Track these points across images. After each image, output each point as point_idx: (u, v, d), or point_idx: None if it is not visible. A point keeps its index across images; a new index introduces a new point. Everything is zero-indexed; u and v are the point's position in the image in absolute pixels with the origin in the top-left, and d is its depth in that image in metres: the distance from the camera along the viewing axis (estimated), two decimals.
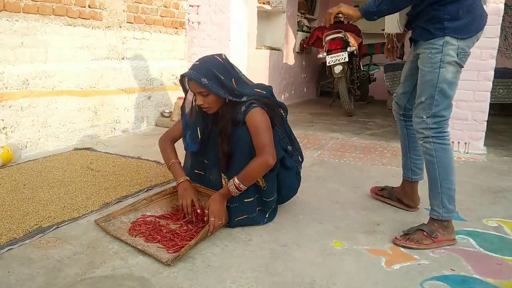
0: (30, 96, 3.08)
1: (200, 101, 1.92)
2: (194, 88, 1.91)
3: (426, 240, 1.89)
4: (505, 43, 6.64)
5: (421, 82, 1.93)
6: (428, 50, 1.88)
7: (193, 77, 1.87)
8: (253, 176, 1.87)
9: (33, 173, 2.65)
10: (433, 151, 1.94)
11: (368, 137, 4.20)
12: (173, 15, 4.39)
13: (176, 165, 2.08)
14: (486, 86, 3.57)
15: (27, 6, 3.02)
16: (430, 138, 1.94)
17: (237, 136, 1.91)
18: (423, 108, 1.93)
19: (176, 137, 2.17)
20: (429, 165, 1.97)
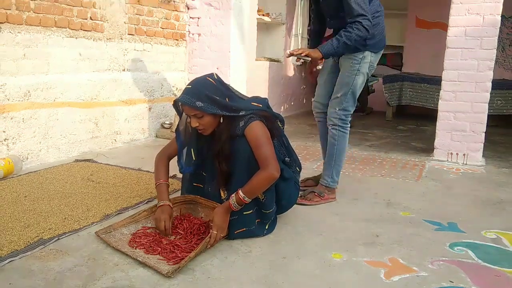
0: (31, 107, 3.10)
1: (195, 123, 1.93)
2: (189, 111, 1.92)
3: (316, 198, 2.52)
4: (502, 54, 6.69)
5: (339, 82, 2.51)
6: (350, 60, 2.46)
7: (187, 102, 1.87)
8: (258, 189, 1.89)
9: (34, 184, 2.66)
10: (336, 136, 2.55)
11: (367, 148, 4.22)
12: (174, 27, 4.43)
13: (162, 186, 2.07)
14: (484, 97, 3.60)
15: (30, 18, 3.06)
16: (336, 126, 2.54)
17: (235, 150, 1.93)
18: (337, 102, 2.51)
19: (173, 154, 2.17)
20: (331, 146, 2.57)
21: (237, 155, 1.93)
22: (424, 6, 6.85)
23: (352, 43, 2.31)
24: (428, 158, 3.78)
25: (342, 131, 2.54)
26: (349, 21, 2.31)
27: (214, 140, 1.99)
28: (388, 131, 5.31)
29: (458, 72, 3.64)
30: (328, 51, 2.34)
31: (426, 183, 3.10)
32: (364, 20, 2.27)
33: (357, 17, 2.27)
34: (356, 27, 2.27)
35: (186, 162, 2.05)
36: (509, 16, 6.51)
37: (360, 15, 2.26)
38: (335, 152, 2.57)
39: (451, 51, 3.64)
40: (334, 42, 2.32)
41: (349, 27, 2.29)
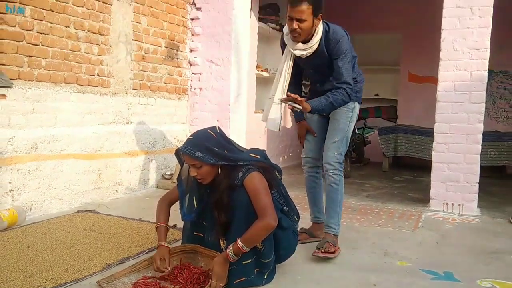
0: (37, 159, 3.20)
1: (193, 172, 2.04)
2: (189, 161, 2.04)
3: (332, 248, 2.50)
4: (494, 107, 6.91)
5: (335, 129, 2.66)
6: (345, 109, 2.65)
7: (187, 152, 2.00)
8: (256, 238, 1.96)
9: (37, 235, 2.71)
10: (338, 181, 2.62)
11: (364, 198, 4.29)
12: (177, 82, 4.64)
13: (161, 228, 2.17)
14: (475, 149, 3.71)
15: (40, 74, 3.23)
16: (337, 171, 2.61)
17: (234, 200, 2.01)
18: (336, 146, 2.62)
19: (174, 200, 2.27)
20: (333, 191, 2.62)
21: (236, 205, 2.01)
22: (416, 61, 7.16)
23: (337, 105, 2.53)
24: (425, 208, 3.84)
25: (340, 175, 2.64)
26: (336, 84, 2.51)
27: (213, 189, 2.08)
28: (385, 181, 5.39)
29: (450, 125, 3.78)
30: (316, 107, 2.49)
31: (422, 233, 3.14)
32: (349, 88, 2.51)
33: (343, 84, 2.50)
34: (342, 92, 2.49)
35: (187, 210, 2.13)
36: (497, 71, 6.79)
37: (346, 83, 2.50)
38: (338, 197, 2.64)
39: (442, 105, 3.80)
40: (323, 101, 2.49)
41: (335, 92, 2.50)
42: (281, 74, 2.68)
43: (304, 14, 2.40)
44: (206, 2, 4.65)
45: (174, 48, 4.54)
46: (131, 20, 3.97)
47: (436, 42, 3.86)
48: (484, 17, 3.64)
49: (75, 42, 3.45)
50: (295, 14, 2.42)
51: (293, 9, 2.42)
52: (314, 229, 2.90)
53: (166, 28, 4.41)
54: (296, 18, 2.42)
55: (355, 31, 7.33)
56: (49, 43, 3.26)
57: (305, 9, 2.39)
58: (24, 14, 3.06)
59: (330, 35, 2.50)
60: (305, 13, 2.40)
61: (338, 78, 2.51)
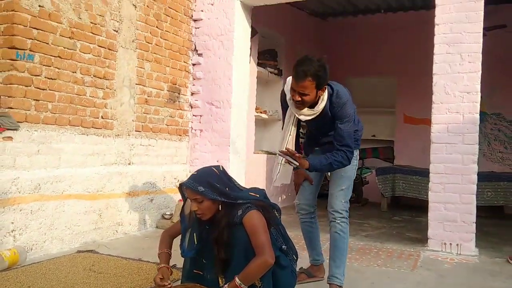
0: (40, 200, 3.26)
1: (194, 207, 2.11)
2: (191, 195, 2.12)
3: None
4: (489, 148, 7.02)
5: (342, 176, 2.66)
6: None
7: (189, 185, 2.09)
8: (253, 276, 1.99)
9: (37, 275, 2.73)
10: (345, 229, 2.60)
11: (363, 238, 4.31)
12: (178, 123, 4.76)
13: (163, 254, 2.28)
14: (471, 189, 3.77)
15: (46, 117, 3.34)
16: (344, 219, 2.60)
17: (234, 238, 2.07)
18: (343, 194, 2.63)
19: (175, 234, 2.36)
20: (340, 240, 2.60)
21: (235, 243, 2.06)
22: (410, 104, 7.35)
23: (335, 167, 2.56)
24: (423, 248, 3.85)
25: (347, 223, 2.63)
26: (337, 146, 2.54)
27: (213, 226, 2.14)
28: (384, 221, 5.41)
29: (445, 165, 3.86)
30: (315, 166, 2.53)
31: (421, 272, 3.16)
32: (349, 152, 2.54)
33: (344, 147, 2.52)
34: (342, 155, 2.52)
35: (188, 246, 2.19)
36: (491, 113, 6.96)
37: (347, 146, 2.52)
38: (345, 246, 2.62)
39: (436, 146, 3.90)
40: (323, 161, 2.53)
41: (336, 153, 2.52)
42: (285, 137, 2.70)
43: (307, 89, 2.42)
44: (207, 49, 4.85)
45: (176, 92, 4.69)
46: (135, 66, 4.14)
47: (429, 86, 4.00)
48: (474, 62, 3.80)
49: (81, 87, 3.59)
50: (298, 88, 2.44)
51: (296, 83, 2.43)
52: (313, 270, 2.91)
53: (168, 73, 4.58)
54: (299, 92, 2.44)
55: (352, 75, 7.64)
56: (56, 87, 3.39)
57: (308, 85, 2.41)
58: (33, 61, 3.22)
59: (334, 99, 2.52)
60: (309, 88, 2.42)
61: (340, 140, 2.53)
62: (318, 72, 2.40)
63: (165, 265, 2.22)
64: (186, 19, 4.80)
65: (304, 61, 2.44)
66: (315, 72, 2.40)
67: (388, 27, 7.31)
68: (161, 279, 2.14)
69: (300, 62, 2.45)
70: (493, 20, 6.15)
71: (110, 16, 3.85)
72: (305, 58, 2.46)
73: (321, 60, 2.44)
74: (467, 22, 3.81)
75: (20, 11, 3.12)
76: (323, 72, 2.43)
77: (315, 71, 2.40)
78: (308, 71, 2.39)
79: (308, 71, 2.39)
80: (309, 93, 2.44)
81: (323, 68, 2.42)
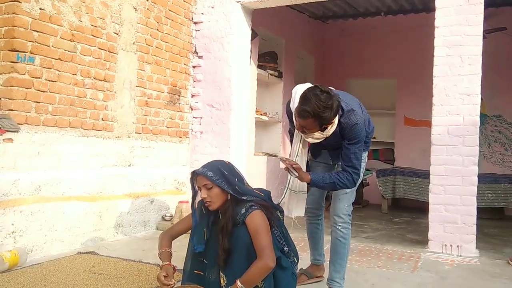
0: (40, 201, 3.26)
1: (204, 194, 2.12)
2: (201, 181, 2.13)
3: None
4: (489, 150, 7.01)
5: None
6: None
7: (200, 171, 2.13)
8: (255, 279, 2.00)
9: (37, 276, 2.73)
10: (346, 235, 2.58)
11: (364, 240, 4.30)
12: (178, 125, 4.76)
13: (164, 253, 2.25)
14: (471, 191, 3.77)
15: (47, 119, 3.35)
16: (346, 224, 2.58)
17: (236, 236, 2.07)
18: (347, 198, 2.60)
19: (175, 235, 2.34)
20: (340, 246, 2.58)
21: (238, 242, 2.06)
22: (410, 106, 7.36)
23: (338, 187, 2.47)
24: (423, 250, 3.85)
25: (349, 228, 2.60)
26: (344, 166, 2.46)
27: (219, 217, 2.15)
28: (384, 223, 5.41)
29: (445, 167, 3.86)
30: (317, 182, 2.46)
31: (421, 274, 3.15)
32: (355, 174, 2.45)
33: (350, 168, 2.43)
34: (347, 177, 2.43)
35: (197, 240, 2.17)
36: (491, 115, 6.97)
37: (353, 167, 2.43)
38: (345, 252, 2.60)
39: (437, 148, 3.90)
40: (326, 179, 2.45)
41: (341, 174, 2.45)
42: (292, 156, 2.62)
43: (309, 125, 2.33)
44: (208, 51, 4.86)
45: (176, 94, 4.70)
46: (135, 68, 4.15)
47: (429, 88, 4.01)
48: (474, 64, 3.81)
49: (81, 89, 3.60)
50: (301, 123, 2.34)
51: (299, 119, 2.32)
52: (313, 269, 2.93)
53: (169, 75, 4.59)
54: (302, 126, 2.35)
55: (352, 77, 7.66)
56: (57, 89, 3.40)
57: (310, 123, 2.31)
58: (34, 63, 3.23)
59: (343, 120, 2.40)
60: (311, 125, 2.33)
61: (346, 161, 2.44)
62: (322, 113, 2.24)
63: (168, 263, 2.20)
64: (186, 22, 4.81)
65: (309, 97, 2.26)
66: (319, 113, 2.24)
67: (388, 30, 7.32)
68: (165, 277, 2.11)
69: (305, 97, 2.28)
70: (493, 22, 6.17)
71: (110, 19, 3.86)
72: (312, 93, 2.27)
73: (329, 98, 2.25)
74: (467, 24, 3.82)
75: (21, 14, 3.13)
76: (329, 113, 2.26)
77: (318, 112, 2.24)
78: (311, 112, 2.24)
79: (311, 111, 2.24)
80: (311, 129, 2.35)
81: (329, 108, 2.25)
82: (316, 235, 2.92)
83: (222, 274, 2.12)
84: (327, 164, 2.81)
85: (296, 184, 2.61)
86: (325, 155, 2.79)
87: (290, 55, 6.79)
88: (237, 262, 2.04)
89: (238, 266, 2.03)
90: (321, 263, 2.95)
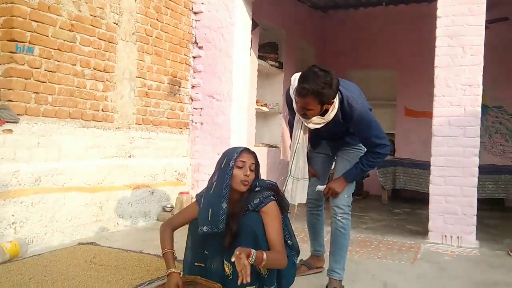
0: (41, 192, 3.26)
1: (247, 171, 2.14)
2: (250, 159, 2.19)
3: None
4: (490, 141, 7.01)
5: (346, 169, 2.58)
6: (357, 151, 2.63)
7: (253, 152, 2.24)
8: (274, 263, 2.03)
9: (38, 267, 2.74)
10: (346, 225, 2.56)
11: (364, 231, 4.31)
12: (178, 116, 4.75)
13: (168, 254, 2.20)
14: (471, 182, 3.77)
15: (47, 110, 3.33)
16: (346, 214, 2.56)
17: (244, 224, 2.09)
18: (347, 189, 2.56)
19: (176, 226, 2.32)
20: (340, 236, 2.56)
21: (247, 228, 2.07)
22: (411, 97, 7.34)
23: (373, 168, 2.56)
24: (423, 241, 3.86)
25: (349, 218, 2.59)
26: (368, 149, 2.50)
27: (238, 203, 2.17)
28: (384, 214, 5.42)
29: (446, 158, 3.85)
30: (353, 179, 2.56)
31: (421, 265, 3.16)
32: (382, 149, 2.43)
33: (376, 147, 2.44)
34: (375, 156, 2.46)
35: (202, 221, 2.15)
36: (492, 106, 6.94)
37: (378, 145, 2.43)
38: (345, 242, 2.59)
39: (437, 139, 3.89)
40: (359, 171, 2.51)
41: (370, 157, 2.47)
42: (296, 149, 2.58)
43: (310, 105, 2.29)
44: (208, 41, 4.83)
45: (176, 85, 4.68)
46: (135, 58, 4.12)
47: (430, 78, 3.99)
48: (476, 55, 3.78)
49: (81, 79, 3.58)
50: (301, 103, 2.31)
51: (299, 99, 2.30)
52: (313, 260, 2.93)
53: (169, 66, 4.56)
54: (302, 106, 2.32)
55: (353, 68, 7.62)
56: (56, 80, 3.38)
57: (311, 102, 2.27)
58: (33, 53, 3.21)
59: (346, 107, 2.38)
60: (312, 105, 2.29)
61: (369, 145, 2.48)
62: (322, 90, 2.22)
63: (173, 271, 2.13)
64: (186, 12, 4.78)
65: (307, 76, 2.25)
66: (318, 90, 2.22)
67: (389, 20, 7.27)
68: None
69: (304, 76, 2.28)
70: (495, 13, 6.10)
71: (110, 9, 3.83)
72: (309, 73, 2.26)
73: (328, 75, 2.23)
74: (469, 14, 3.79)
75: (20, 4, 3.10)
76: (328, 89, 2.23)
77: (317, 89, 2.21)
78: (310, 89, 2.22)
79: (310, 88, 2.22)
80: (312, 108, 2.31)
81: (328, 85, 2.22)
82: (316, 226, 2.92)
83: (227, 262, 2.11)
84: (327, 155, 2.81)
85: (298, 171, 2.60)
86: (325, 146, 2.79)
87: (291, 46, 6.75)
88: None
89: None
90: (321, 254, 2.96)
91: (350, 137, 2.64)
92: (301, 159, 2.58)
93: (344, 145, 2.69)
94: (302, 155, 2.59)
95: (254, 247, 1.97)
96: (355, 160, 2.58)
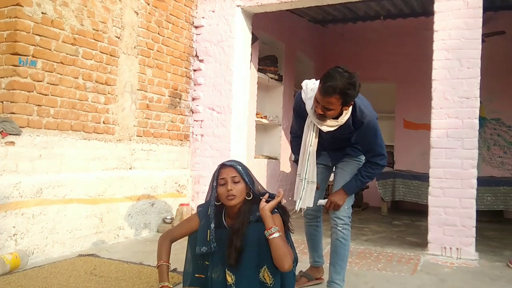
0: (42, 204, 3.28)
1: (230, 186, 2.14)
2: (229, 173, 2.16)
3: None
4: (488, 153, 7.03)
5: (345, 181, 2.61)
6: (356, 162, 2.67)
7: (231, 163, 2.20)
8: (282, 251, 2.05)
9: (38, 279, 2.75)
10: (346, 236, 2.58)
11: (363, 242, 4.32)
12: (179, 129, 4.79)
13: (163, 267, 2.20)
14: (470, 193, 3.79)
15: (49, 123, 3.37)
16: (346, 225, 2.58)
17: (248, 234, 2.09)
18: (347, 200, 2.59)
19: (175, 238, 2.32)
20: (341, 247, 2.58)
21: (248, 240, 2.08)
22: (410, 109, 7.39)
23: (371, 179, 2.61)
24: (423, 252, 3.86)
25: (349, 229, 2.61)
26: (368, 158, 2.56)
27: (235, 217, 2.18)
28: (384, 225, 5.42)
29: (444, 170, 3.87)
30: (353, 191, 2.61)
31: (421, 277, 3.16)
32: (381, 160, 2.52)
33: (377, 157, 2.51)
34: (373, 167, 2.54)
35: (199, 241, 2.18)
36: (490, 118, 6.99)
37: (379, 155, 2.51)
38: (346, 253, 2.60)
39: (436, 151, 3.92)
40: (358, 183, 2.57)
41: (369, 167, 2.55)
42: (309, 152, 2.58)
43: (333, 105, 2.29)
44: (208, 55, 4.89)
45: (177, 97, 4.72)
46: (136, 72, 4.17)
47: (428, 91, 4.03)
48: (473, 68, 3.83)
49: (83, 92, 3.63)
50: (324, 103, 2.30)
51: (322, 98, 2.27)
52: (313, 271, 2.94)
53: (170, 79, 4.61)
54: (324, 106, 2.31)
55: None
56: (58, 93, 3.43)
57: (334, 101, 2.27)
58: (36, 67, 3.25)
59: (358, 114, 2.42)
60: (334, 104, 2.29)
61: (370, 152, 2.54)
62: (347, 89, 2.22)
63: (164, 284, 2.14)
64: (187, 26, 4.84)
65: (333, 74, 2.23)
66: (344, 89, 2.22)
67: (387, 34, 7.36)
68: None
69: (329, 75, 2.25)
70: (492, 26, 6.20)
71: (112, 23, 3.89)
72: (335, 71, 2.25)
73: (353, 76, 2.24)
74: (466, 28, 3.85)
75: (23, 18, 3.16)
76: (353, 90, 2.24)
77: (344, 88, 2.22)
78: (337, 88, 2.21)
79: (337, 87, 2.21)
80: (334, 109, 2.31)
81: (353, 86, 2.24)
82: (315, 237, 2.94)
83: (229, 272, 2.12)
84: (326, 166, 2.83)
85: (310, 174, 2.60)
86: (325, 157, 2.80)
87: (290, 59, 6.82)
88: (248, 259, 2.07)
89: (248, 262, 2.05)
90: (320, 265, 2.96)
91: (351, 149, 2.68)
92: (312, 163, 2.59)
93: (344, 157, 2.72)
94: (313, 158, 2.58)
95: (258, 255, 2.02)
96: (354, 172, 2.62)
